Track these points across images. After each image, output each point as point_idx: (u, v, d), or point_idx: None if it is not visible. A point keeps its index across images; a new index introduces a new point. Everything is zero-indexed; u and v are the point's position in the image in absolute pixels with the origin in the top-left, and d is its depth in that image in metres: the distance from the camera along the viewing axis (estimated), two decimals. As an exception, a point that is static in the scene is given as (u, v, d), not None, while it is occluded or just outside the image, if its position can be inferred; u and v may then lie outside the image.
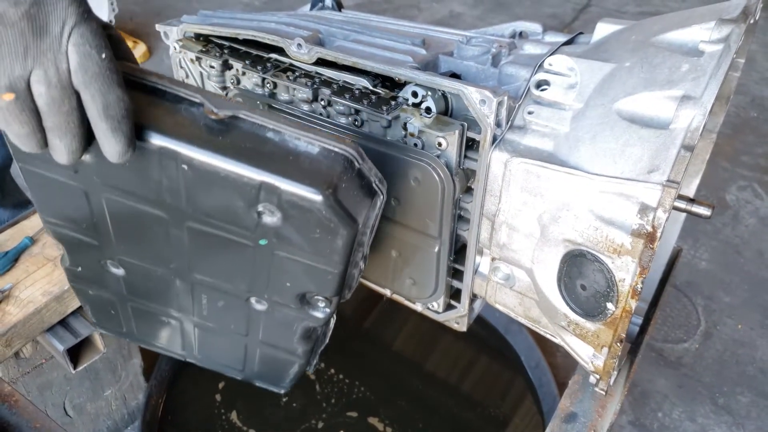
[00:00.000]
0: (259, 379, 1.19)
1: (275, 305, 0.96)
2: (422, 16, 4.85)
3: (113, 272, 1.03)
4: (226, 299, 0.99)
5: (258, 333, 1.04)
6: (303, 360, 1.08)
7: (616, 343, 0.94)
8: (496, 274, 1.08)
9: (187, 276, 0.97)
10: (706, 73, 0.82)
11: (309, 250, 0.83)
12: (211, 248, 0.90)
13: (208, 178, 0.77)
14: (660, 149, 0.82)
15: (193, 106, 0.77)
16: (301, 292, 0.91)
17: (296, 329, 1.00)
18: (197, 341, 1.14)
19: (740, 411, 2.09)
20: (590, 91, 0.94)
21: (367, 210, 0.83)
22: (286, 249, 0.84)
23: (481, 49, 1.08)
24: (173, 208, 0.84)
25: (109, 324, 1.19)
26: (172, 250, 0.93)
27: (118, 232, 0.93)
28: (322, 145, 0.77)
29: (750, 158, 3.26)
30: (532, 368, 2.10)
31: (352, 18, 1.33)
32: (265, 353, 1.09)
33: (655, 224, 0.81)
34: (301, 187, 0.74)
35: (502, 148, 0.95)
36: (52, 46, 0.63)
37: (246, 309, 0.99)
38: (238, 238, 0.86)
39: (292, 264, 0.87)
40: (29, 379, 1.46)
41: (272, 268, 0.89)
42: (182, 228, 0.87)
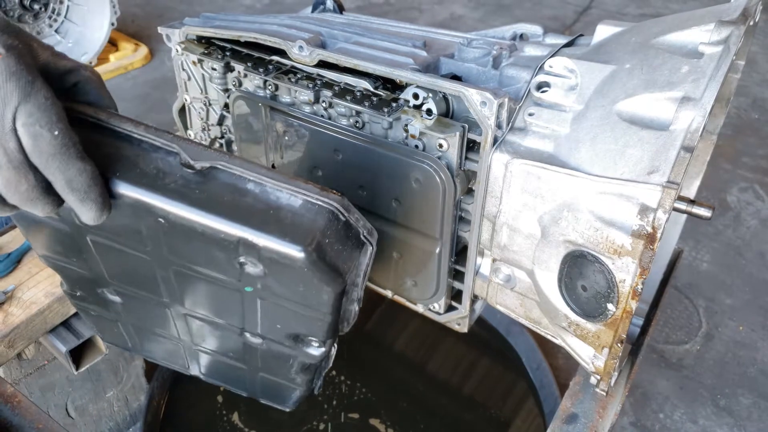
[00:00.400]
0: (263, 398, 1.19)
1: (270, 342, 0.95)
2: (423, 18, 4.86)
3: (111, 299, 1.02)
4: (221, 331, 0.99)
5: (257, 362, 1.04)
6: (304, 387, 1.07)
7: (617, 343, 0.94)
8: (497, 275, 1.09)
9: (179, 309, 0.97)
10: (706, 75, 0.83)
11: (296, 300, 0.81)
12: (199, 289, 0.89)
13: (186, 231, 0.74)
14: (660, 150, 0.83)
15: (169, 155, 0.74)
16: (293, 333, 0.90)
17: (293, 363, 0.98)
18: (200, 361, 1.14)
19: (741, 412, 2.09)
20: (590, 92, 0.94)
21: (356, 262, 0.79)
22: (272, 297, 0.83)
23: (481, 51, 1.08)
24: (156, 254, 0.83)
25: (114, 339, 1.20)
26: (162, 287, 0.92)
27: (108, 267, 0.92)
28: (305, 197, 0.73)
29: (751, 160, 3.26)
30: (534, 370, 2.10)
31: (354, 20, 1.34)
32: (266, 379, 1.09)
33: (655, 225, 0.81)
34: (282, 244, 0.71)
35: (503, 150, 0.95)
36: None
37: (241, 341, 0.99)
38: (223, 284, 0.84)
39: (280, 309, 0.85)
40: (32, 380, 1.47)
41: (261, 310, 0.87)
42: (168, 270, 0.86)
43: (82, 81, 0.73)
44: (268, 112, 1.15)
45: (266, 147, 1.21)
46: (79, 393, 1.62)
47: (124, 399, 1.79)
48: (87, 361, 1.43)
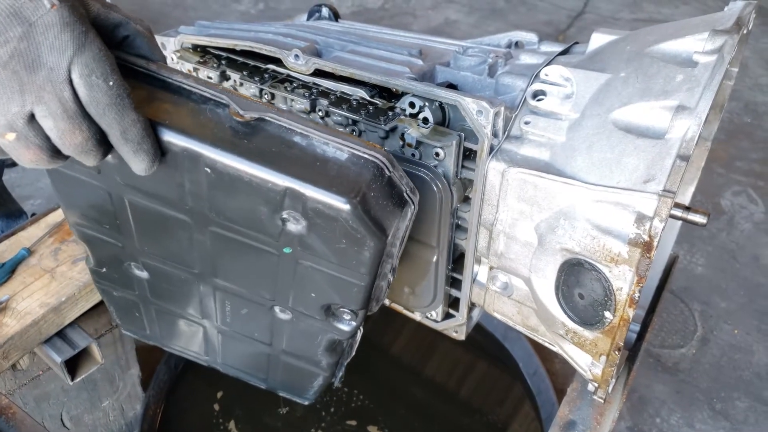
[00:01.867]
0: (282, 389, 1.17)
1: (300, 315, 0.94)
2: (418, 23, 4.87)
3: (137, 275, 1.02)
4: (249, 307, 0.98)
5: (282, 342, 1.02)
6: (327, 372, 1.05)
7: (614, 351, 0.94)
8: (494, 283, 1.09)
9: (210, 281, 0.96)
10: (701, 84, 0.83)
11: (335, 261, 0.81)
12: (235, 254, 0.88)
13: (232, 181, 0.75)
14: (656, 159, 0.83)
15: (218, 107, 0.75)
16: (326, 303, 0.89)
17: (321, 341, 0.97)
18: (221, 347, 1.13)
19: (738, 416, 2.10)
20: (586, 101, 0.94)
21: (398, 221, 0.79)
22: (311, 258, 0.82)
23: (477, 60, 1.09)
24: (196, 211, 0.83)
25: (132, 326, 1.19)
26: (195, 255, 0.91)
27: (141, 233, 0.92)
28: (352, 150, 0.74)
29: (744, 164, 3.28)
30: (531, 375, 2.10)
31: (349, 28, 1.34)
32: (289, 363, 1.07)
33: (651, 233, 0.81)
34: (328, 195, 0.71)
35: (499, 158, 0.95)
36: (50, 78, 0.61)
37: (270, 317, 0.98)
38: (262, 245, 0.84)
39: (317, 274, 0.84)
40: (26, 390, 1.45)
41: (296, 277, 0.87)
42: (205, 232, 0.86)
43: (132, 34, 0.73)
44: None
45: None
46: (74, 403, 1.61)
47: (120, 408, 1.78)
48: (82, 371, 1.42)
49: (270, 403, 2.02)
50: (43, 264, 1.38)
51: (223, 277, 0.94)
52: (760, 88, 3.93)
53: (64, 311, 1.32)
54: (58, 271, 1.34)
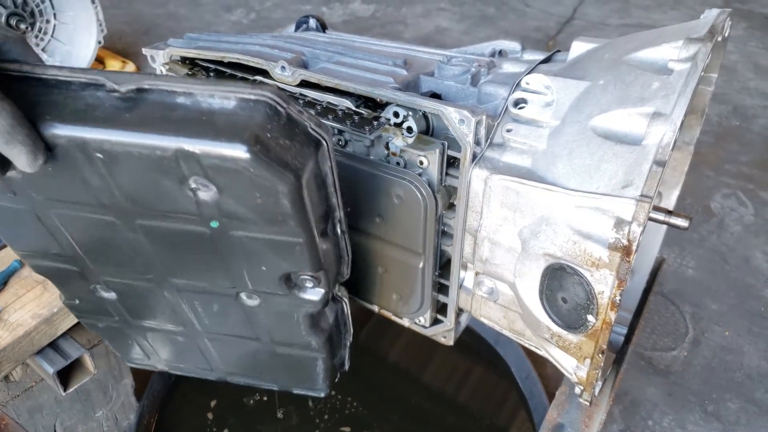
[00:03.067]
0: (294, 386, 1.16)
1: (265, 297, 0.92)
2: (408, 31, 4.90)
3: (106, 297, 1.01)
4: (217, 301, 0.96)
5: (266, 333, 1.01)
6: (323, 354, 1.02)
7: (598, 354, 0.95)
8: (480, 288, 1.10)
9: (169, 284, 0.95)
10: (676, 91, 0.85)
11: (261, 221, 0.76)
12: (172, 245, 0.86)
13: (126, 161, 0.71)
14: (633, 165, 0.85)
15: (97, 89, 0.71)
16: (281, 274, 0.86)
17: (299, 319, 0.95)
18: (218, 355, 1.12)
19: (729, 417, 2.11)
20: (566, 108, 0.96)
21: (310, 160, 0.73)
22: (239, 226, 0.79)
23: (461, 69, 1.11)
24: (115, 208, 0.81)
25: (134, 356, 1.19)
26: (140, 258, 0.90)
27: (86, 250, 0.91)
28: (239, 96, 0.68)
29: (733, 166, 3.31)
30: (523, 379, 2.11)
31: (336, 39, 1.36)
32: (285, 354, 1.06)
33: (630, 238, 0.83)
34: (219, 146, 0.67)
35: (482, 166, 0.97)
36: None
37: (240, 308, 0.96)
38: (189, 226, 0.81)
39: (254, 243, 0.81)
40: (19, 402, 1.46)
41: (239, 253, 0.84)
42: (134, 228, 0.84)
43: (3, 42, 0.73)
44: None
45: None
46: (67, 414, 1.62)
47: (113, 418, 1.78)
48: (75, 381, 1.42)
49: (264, 412, 2.02)
50: (35, 276, 1.38)
51: (177, 274, 0.91)
52: (749, 92, 3.97)
53: (57, 322, 1.33)
54: (50, 283, 1.35)
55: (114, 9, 4.92)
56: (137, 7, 5.20)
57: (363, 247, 1.16)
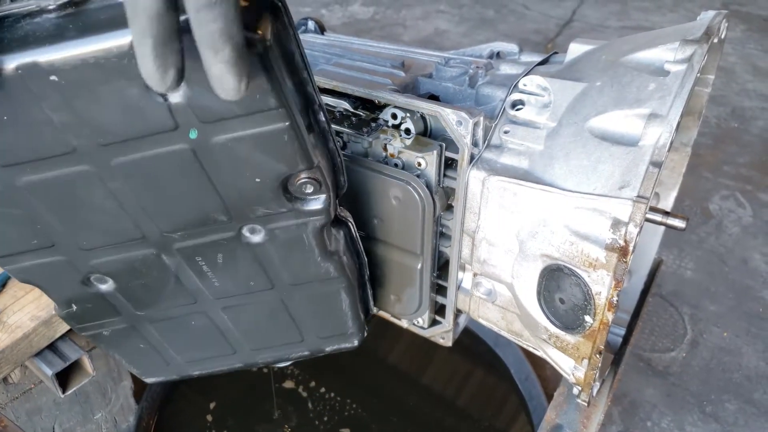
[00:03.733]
0: (324, 343, 1.11)
1: (269, 222, 0.86)
2: (408, 33, 4.91)
3: (104, 290, 0.96)
4: (220, 247, 0.90)
5: (280, 276, 0.96)
6: (344, 282, 0.98)
7: (596, 354, 0.96)
8: (478, 290, 1.11)
9: (164, 243, 0.89)
10: (672, 92, 0.86)
11: (240, 110, 0.71)
12: (156, 181, 0.80)
13: (82, 77, 0.66)
14: (630, 166, 0.85)
15: (33, 16, 0.66)
16: (275, 179, 0.80)
17: (309, 242, 0.90)
18: (238, 330, 1.07)
19: (728, 418, 2.11)
20: (563, 110, 0.97)
21: (271, 24, 0.66)
22: (220, 129, 0.73)
23: (458, 71, 1.11)
24: (86, 151, 0.75)
25: (156, 369, 1.14)
26: (125, 214, 0.83)
27: (67, 224, 0.85)
28: None
29: (732, 168, 3.31)
30: (522, 381, 2.12)
31: (334, 41, 1.36)
32: (306, 298, 1.01)
33: (627, 238, 0.83)
34: None
35: (480, 167, 0.97)
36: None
37: (247, 250, 0.91)
38: (169, 147, 0.75)
39: (241, 147, 0.75)
40: (18, 404, 1.46)
41: (227, 167, 0.78)
42: (111, 173, 0.78)
43: None
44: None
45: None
46: (66, 416, 1.62)
47: (112, 420, 1.78)
48: (74, 383, 1.42)
49: (263, 414, 2.02)
50: (33, 277, 1.38)
51: (169, 223, 0.85)
52: (747, 94, 3.98)
53: (55, 324, 1.33)
54: (48, 285, 1.35)
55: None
56: (136, 9, 5.20)
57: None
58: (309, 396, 2.08)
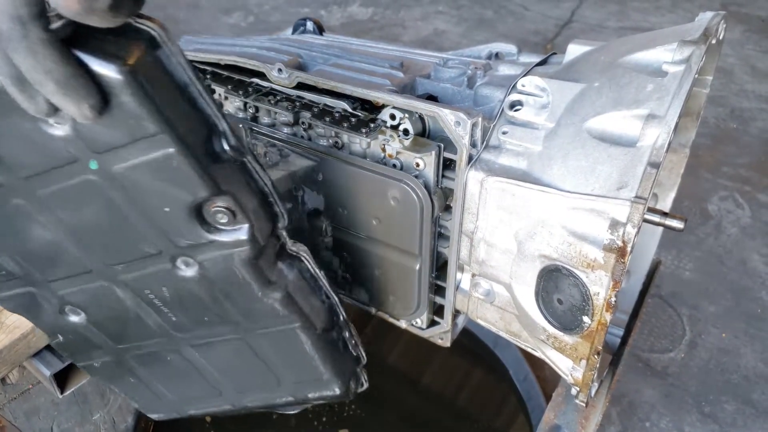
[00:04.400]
0: (303, 388, 1.10)
1: (196, 255, 0.86)
2: (407, 34, 4.91)
3: (78, 322, 1.00)
4: (160, 280, 0.91)
5: (231, 312, 0.95)
6: (299, 321, 0.95)
7: (594, 355, 0.96)
8: (476, 290, 1.11)
9: (110, 273, 0.92)
10: (670, 93, 0.86)
11: (125, 139, 0.72)
12: (80, 216, 0.83)
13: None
14: (628, 166, 0.85)
15: None
16: (182, 207, 0.80)
17: (242, 275, 0.88)
18: (215, 369, 1.09)
19: (726, 419, 2.11)
20: (561, 110, 0.97)
21: (140, 53, 0.67)
22: (116, 159, 0.74)
23: (457, 71, 1.11)
24: (9, 186, 0.79)
25: (152, 404, 1.17)
26: (67, 245, 0.87)
27: (20, 255, 0.91)
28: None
29: (731, 169, 3.31)
30: (521, 381, 2.12)
31: (333, 41, 1.36)
32: (266, 338, 1.00)
33: (625, 239, 0.83)
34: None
35: (478, 168, 0.97)
36: None
37: (187, 284, 0.91)
38: (75, 179, 0.78)
39: (139, 175, 0.76)
40: (16, 404, 1.46)
41: (134, 196, 0.80)
42: (38, 204, 0.82)
43: None
44: (248, 133, 1.17)
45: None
46: (65, 416, 1.62)
47: (111, 421, 1.78)
48: (72, 384, 1.42)
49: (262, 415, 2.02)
50: (32, 278, 1.38)
51: (105, 254, 0.88)
52: (746, 94, 3.98)
53: (53, 324, 1.33)
54: (47, 285, 1.35)
55: (112, 12, 4.91)
56: (136, 10, 5.20)
57: (360, 249, 1.16)
58: (308, 396, 2.08)
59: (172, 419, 1.30)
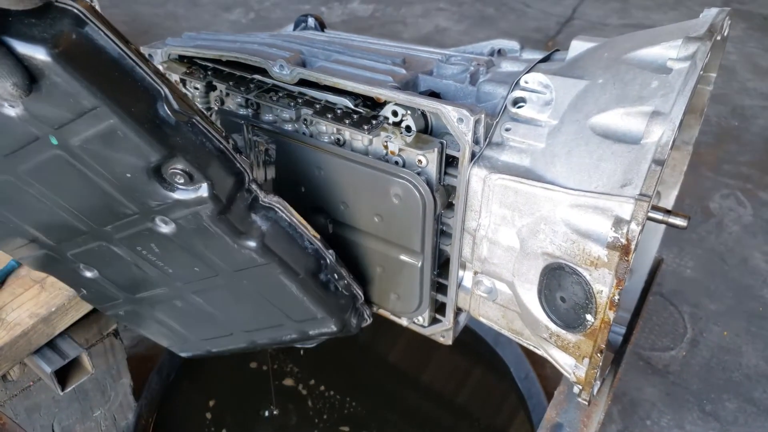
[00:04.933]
0: (303, 326, 1.15)
1: (169, 213, 0.91)
2: (408, 31, 4.90)
3: (91, 276, 1.10)
4: (146, 238, 0.97)
5: (217, 263, 1.01)
6: (280, 267, 1.00)
7: (597, 353, 0.95)
8: (478, 288, 1.10)
9: (104, 234, 0.99)
10: (675, 90, 0.85)
11: (73, 114, 0.76)
12: (62, 186, 0.90)
13: None
14: (632, 164, 0.85)
15: None
16: (140, 172, 0.84)
17: (214, 230, 0.93)
18: (221, 313, 1.16)
19: (727, 417, 2.11)
20: (565, 107, 0.96)
21: (65, 33, 0.69)
22: (71, 133, 0.79)
23: (459, 68, 1.10)
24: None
25: (179, 344, 1.27)
26: (60, 212, 0.95)
27: (26, 222, 1.00)
28: None
29: (732, 167, 3.31)
30: (522, 379, 2.11)
31: (335, 38, 1.35)
32: (255, 283, 1.05)
33: (629, 237, 0.83)
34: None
35: (481, 165, 0.97)
36: None
37: (169, 240, 0.97)
38: (42, 154, 0.83)
39: (96, 147, 0.81)
40: (17, 401, 1.46)
41: (97, 165, 0.84)
42: (23, 179, 0.89)
43: None
44: (250, 130, 1.17)
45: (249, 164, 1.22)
46: (65, 413, 1.61)
47: (111, 418, 1.78)
48: (73, 381, 1.42)
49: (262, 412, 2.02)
50: (32, 275, 1.38)
51: (93, 218, 0.96)
52: (747, 92, 3.97)
53: (54, 321, 1.33)
54: (47, 282, 1.35)
55: (113, 8, 4.91)
56: (136, 6, 5.20)
57: (361, 246, 1.16)
58: (309, 394, 2.08)
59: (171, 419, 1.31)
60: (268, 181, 1.22)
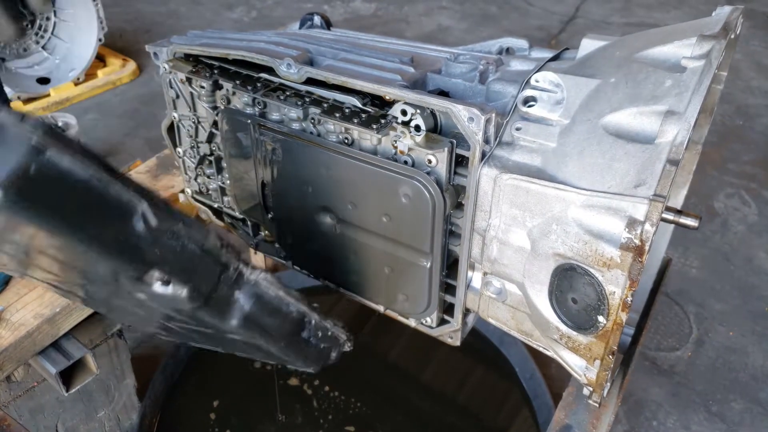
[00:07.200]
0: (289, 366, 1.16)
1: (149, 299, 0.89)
2: (411, 29, 4.89)
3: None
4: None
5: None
6: (261, 339, 0.99)
7: (608, 355, 0.94)
8: (488, 289, 1.09)
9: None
10: (689, 89, 0.84)
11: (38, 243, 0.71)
12: None
13: None
14: (646, 164, 0.84)
15: None
16: (114, 278, 0.81)
17: (198, 319, 0.92)
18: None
19: (734, 418, 2.10)
20: (576, 106, 0.95)
21: (18, 164, 0.64)
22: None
23: (468, 66, 1.09)
24: None
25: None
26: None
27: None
28: None
29: (737, 166, 3.30)
30: (527, 379, 2.10)
31: (341, 36, 1.34)
32: (244, 350, 1.05)
33: (643, 238, 0.82)
34: None
35: (491, 165, 0.96)
36: None
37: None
38: None
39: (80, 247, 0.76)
40: (21, 402, 1.45)
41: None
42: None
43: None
44: (257, 129, 1.16)
45: (255, 164, 1.21)
46: (69, 414, 1.60)
47: (115, 419, 1.77)
48: (78, 381, 1.41)
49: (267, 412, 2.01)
50: (37, 275, 1.37)
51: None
52: (751, 91, 3.96)
53: (59, 322, 1.32)
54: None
55: (114, 7, 4.90)
56: (138, 5, 5.18)
57: (369, 246, 1.15)
58: (314, 394, 2.07)
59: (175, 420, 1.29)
60: (275, 180, 1.21)
